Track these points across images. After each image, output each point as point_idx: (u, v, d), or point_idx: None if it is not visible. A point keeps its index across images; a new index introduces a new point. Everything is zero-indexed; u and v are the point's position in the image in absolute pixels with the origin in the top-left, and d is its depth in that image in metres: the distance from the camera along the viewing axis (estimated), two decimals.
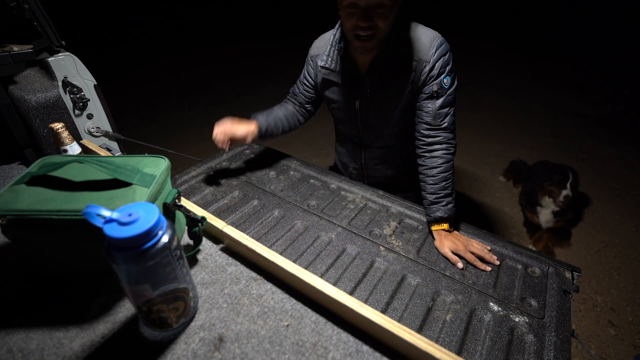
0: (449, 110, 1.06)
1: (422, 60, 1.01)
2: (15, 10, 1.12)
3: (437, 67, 1.01)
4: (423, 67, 1.02)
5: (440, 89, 1.03)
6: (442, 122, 1.06)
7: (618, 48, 6.10)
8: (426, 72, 1.02)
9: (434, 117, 1.05)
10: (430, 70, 1.01)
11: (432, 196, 1.06)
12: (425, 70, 1.02)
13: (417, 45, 1.02)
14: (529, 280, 0.91)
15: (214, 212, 1.10)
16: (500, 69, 5.37)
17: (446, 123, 1.06)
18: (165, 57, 6.09)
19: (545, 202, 2.14)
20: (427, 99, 1.05)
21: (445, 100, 1.04)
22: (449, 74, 1.03)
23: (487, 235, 1.06)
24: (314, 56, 1.20)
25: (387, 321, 0.52)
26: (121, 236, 0.43)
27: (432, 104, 1.05)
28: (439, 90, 1.03)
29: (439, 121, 1.05)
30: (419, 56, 1.01)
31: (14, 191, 0.57)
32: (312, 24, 1.22)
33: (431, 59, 1.01)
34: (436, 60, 1.01)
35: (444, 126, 1.06)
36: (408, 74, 1.04)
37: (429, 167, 1.08)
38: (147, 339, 0.55)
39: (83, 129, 1.34)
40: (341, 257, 0.97)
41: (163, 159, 0.68)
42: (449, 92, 1.04)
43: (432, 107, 1.05)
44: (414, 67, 1.03)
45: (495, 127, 3.73)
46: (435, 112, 1.05)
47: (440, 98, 1.04)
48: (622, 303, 1.83)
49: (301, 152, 3.21)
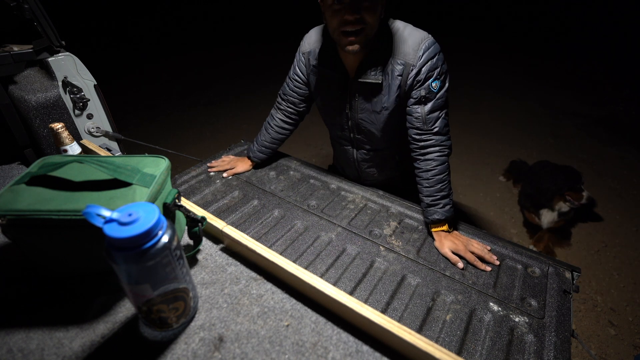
0: (439, 114, 1.03)
1: (409, 64, 0.99)
2: (15, 10, 1.12)
3: (424, 71, 0.98)
4: (410, 70, 0.99)
5: (428, 94, 1.00)
6: (432, 127, 1.03)
7: (618, 48, 6.10)
8: (413, 76, 0.99)
9: (423, 122, 1.03)
10: (416, 74, 0.99)
11: (429, 199, 1.06)
12: (412, 75, 0.99)
13: (404, 48, 0.99)
14: (529, 280, 0.91)
15: (214, 212, 1.10)
16: (500, 69, 5.37)
17: (437, 127, 1.04)
18: (166, 57, 6.09)
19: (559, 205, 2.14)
20: (416, 104, 1.03)
21: (435, 104, 1.02)
22: (437, 78, 1.00)
23: (487, 235, 1.06)
24: (305, 52, 1.18)
25: (387, 321, 0.52)
26: (121, 236, 0.43)
27: (421, 109, 1.02)
28: (428, 95, 1.00)
29: (429, 126, 1.03)
30: (406, 60, 0.99)
31: (14, 191, 0.57)
32: (312, 24, 1.22)
33: (417, 63, 0.98)
34: (423, 64, 0.98)
35: (435, 130, 1.04)
36: (396, 78, 1.02)
37: (423, 169, 1.08)
38: (147, 339, 0.55)
39: (83, 129, 1.34)
40: (341, 257, 0.97)
41: (163, 159, 0.68)
42: (439, 95, 1.01)
43: (421, 113, 1.03)
44: (400, 71, 1.00)
45: (495, 127, 3.72)
46: (425, 117, 1.03)
47: (429, 103, 1.01)
48: (622, 303, 1.83)
49: (301, 152, 3.21)
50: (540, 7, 8.00)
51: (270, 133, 1.34)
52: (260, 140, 1.35)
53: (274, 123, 1.34)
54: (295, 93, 1.27)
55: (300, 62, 1.21)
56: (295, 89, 1.26)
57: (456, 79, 4.83)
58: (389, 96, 1.05)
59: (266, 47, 6.59)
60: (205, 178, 1.29)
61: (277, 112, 1.34)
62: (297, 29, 1.26)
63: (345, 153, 1.33)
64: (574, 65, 5.45)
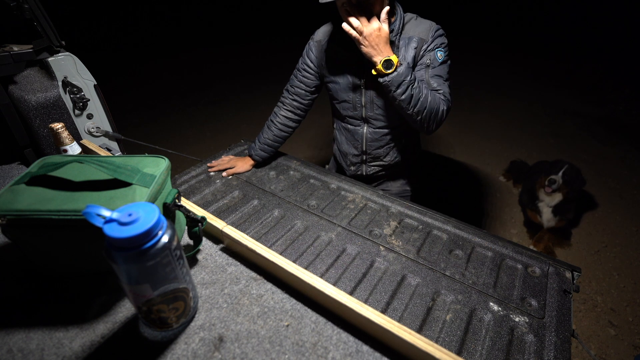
0: (441, 80, 1.12)
1: (423, 39, 1.10)
2: (15, 10, 1.12)
3: (434, 43, 1.10)
4: (423, 44, 1.11)
5: (432, 61, 1.10)
6: (435, 88, 1.11)
7: (618, 48, 6.10)
8: (425, 49, 1.11)
9: (427, 83, 1.11)
10: (427, 46, 1.10)
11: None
12: (424, 47, 1.11)
13: (418, 29, 1.11)
14: (529, 280, 0.91)
15: (214, 212, 1.10)
16: (500, 69, 5.37)
17: (440, 88, 1.11)
18: (166, 57, 6.09)
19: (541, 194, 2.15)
20: (421, 69, 1.12)
21: (438, 70, 1.11)
22: (442, 50, 1.11)
23: (487, 235, 1.06)
24: (318, 40, 1.23)
25: (387, 321, 0.52)
26: (121, 236, 0.43)
27: (426, 73, 1.11)
28: (432, 62, 1.11)
29: (432, 87, 1.11)
30: (421, 36, 1.10)
31: (14, 191, 0.57)
32: (312, 24, 1.23)
33: (429, 37, 1.10)
34: (434, 38, 1.10)
35: (437, 89, 1.11)
36: (412, 50, 1.11)
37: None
38: (147, 339, 0.55)
39: (83, 129, 1.34)
40: (341, 257, 0.97)
41: (163, 159, 0.68)
42: (441, 65, 1.11)
43: (425, 75, 1.11)
44: (416, 44, 1.10)
45: (495, 127, 3.72)
46: (428, 78, 1.11)
47: (432, 68, 1.11)
48: (622, 303, 1.83)
49: (301, 152, 3.21)
50: (540, 7, 8.00)
51: (273, 130, 1.35)
52: (262, 139, 1.35)
53: (278, 120, 1.35)
54: (303, 84, 1.30)
55: (310, 51, 1.25)
56: (304, 79, 1.29)
57: (457, 78, 4.83)
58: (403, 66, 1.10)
59: (266, 47, 6.59)
60: (205, 178, 1.29)
61: (280, 110, 1.36)
62: (298, 29, 1.26)
63: (354, 134, 1.33)
64: (574, 65, 5.45)
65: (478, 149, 3.30)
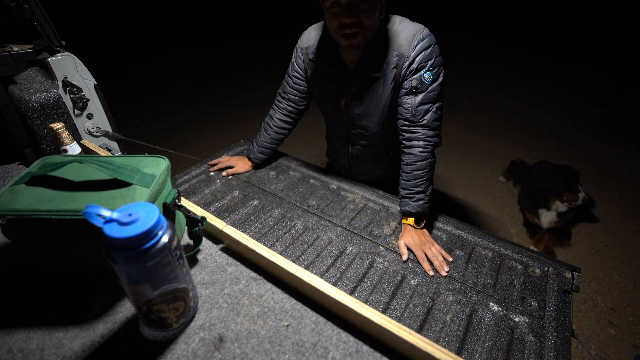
0: (430, 107, 1.02)
1: (404, 55, 0.99)
2: (15, 10, 1.12)
3: (417, 61, 0.98)
4: (404, 61, 0.99)
5: (420, 85, 1.00)
6: (421, 119, 1.03)
7: (618, 48, 6.10)
8: (406, 67, 0.99)
9: (412, 113, 1.03)
10: (410, 64, 0.99)
11: (405, 191, 1.07)
12: (405, 65, 0.99)
13: (399, 40, 0.99)
14: (529, 280, 0.91)
15: (214, 212, 1.10)
16: (500, 69, 5.37)
17: (426, 120, 1.03)
18: (166, 57, 6.09)
19: (556, 205, 2.13)
20: (407, 95, 1.03)
21: (426, 96, 1.01)
22: (430, 69, 0.99)
23: (487, 236, 1.06)
24: (304, 48, 1.17)
25: (387, 321, 0.52)
26: (121, 236, 0.43)
27: (412, 100, 1.02)
28: (419, 86, 1.00)
29: (418, 118, 1.03)
30: (401, 51, 0.99)
31: (14, 191, 0.57)
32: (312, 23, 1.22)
33: (411, 54, 0.98)
34: (416, 55, 0.98)
35: (423, 123, 1.03)
36: (391, 70, 1.02)
37: (405, 162, 1.09)
38: (147, 339, 0.55)
39: (83, 129, 1.34)
40: (341, 257, 0.97)
41: (163, 159, 0.68)
42: (431, 88, 1.01)
43: (411, 103, 1.02)
44: (395, 62, 1.00)
45: (495, 127, 3.72)
46: (414, 108, 1.02)
47: (420, 94, 1.01)
48: (622, 303, 1.83)
49: (301, 152, 3.21)
50: (540, 7, 8.00)
51: (269, 134, 1.34)
52: (260, 142, 1.35)
53: (273, 124, 1.34)
54: (295, 90, 1.26)
55: (298, 57, 1.21)
56: (295, 85, 1.25)
57: (456, 78, 4.85)
58: (384, 88, 1.06)
59: (266, 47, 6.59)
60: (205, 178, 1.29)
61: (275, 112, 1.34)
62: (298, 29, 1.26)
63: (340, 148, 1.34)
64: (574, 65, 5.45)
65: (478, 149, 3.30)
